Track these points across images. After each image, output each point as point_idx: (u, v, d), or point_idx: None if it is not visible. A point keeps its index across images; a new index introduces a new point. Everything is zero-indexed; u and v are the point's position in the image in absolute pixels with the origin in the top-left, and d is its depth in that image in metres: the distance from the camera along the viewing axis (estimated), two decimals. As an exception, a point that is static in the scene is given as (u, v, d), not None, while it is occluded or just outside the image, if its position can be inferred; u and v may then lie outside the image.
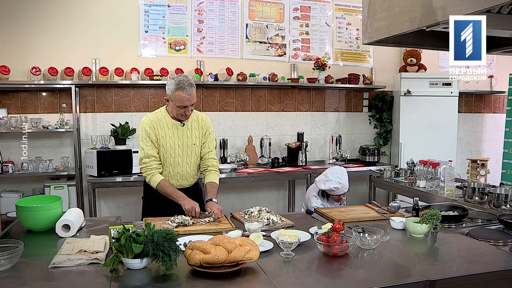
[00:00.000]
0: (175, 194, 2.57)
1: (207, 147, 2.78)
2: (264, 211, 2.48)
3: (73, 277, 1.62)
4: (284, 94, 5.03)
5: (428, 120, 4.98)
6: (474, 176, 3.56)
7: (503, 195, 2.81)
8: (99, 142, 4.23)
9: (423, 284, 1.60)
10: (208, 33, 4.71)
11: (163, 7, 4.55)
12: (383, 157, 5.28)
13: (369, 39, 2.78)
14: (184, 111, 2.55)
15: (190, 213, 2.45)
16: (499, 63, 5.69)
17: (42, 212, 2.18)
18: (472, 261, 1.85)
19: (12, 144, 4.17)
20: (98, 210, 4.38)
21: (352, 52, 5.27)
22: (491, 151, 5.74)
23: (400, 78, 5.03)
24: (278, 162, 4.68)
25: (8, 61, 4.03)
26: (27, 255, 1.82)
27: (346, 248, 1.85)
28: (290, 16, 4.99)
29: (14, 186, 4.23)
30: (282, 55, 4.99)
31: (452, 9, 2.12)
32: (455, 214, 2.50)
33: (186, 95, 2.49)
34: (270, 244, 1.96)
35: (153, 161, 2.63)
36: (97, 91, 4.43)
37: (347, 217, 2.51)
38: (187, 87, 2.49)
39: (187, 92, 2.49)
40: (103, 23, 4.37)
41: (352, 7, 5.19)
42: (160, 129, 2.63)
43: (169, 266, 1.60)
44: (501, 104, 5.84)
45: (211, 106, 4.77)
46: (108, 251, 1.89)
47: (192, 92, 2.51)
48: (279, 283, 1.56)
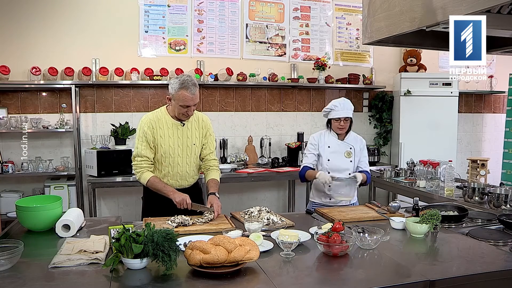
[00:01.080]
0: (165, 189, 2.59)
1: (208, 148, 2.79)
2: (264, 211, 2.48)
3: (73, 277, 1.62)
4: (284, 94, 5.03)
5: (428, 120, 4.98)
6: (474, 176, 3.56)
7: (503, 195, 2.81)
8: (99, 142, 4.23)
9: (423, 284, 1.60)
10: (208, 33, 4.71)
11: (163, 7, 4.55)
12: (383, 157, 5.28)
13: (369, 39, 2.78)
14: (187, 110, 2.55)
15: (181, 205, 2.47)
16: (499, 63, 5.69)
17: (42, 212, 2.18)
18: (472, 261, 1.85)
19: (12, 144, 4.17)
20: (98, 210, 4.38)
21: (352, 52, 5.27)
22: (491, 151, 5.74)
23: (400, 78, 5.04)
24: (278, 162, 4.68)
25: (8, 61, 4.03)
26: (27, 255, 1.81)
27: (346, 248, 1.85)
28: (290, 16, 4.99)
29: (14, 186, 4.23)
30: (282, 55, 4.99)
31: (452, 9, 2.12)
32: (455, 214, 2.50)
33: (190, 94, 2.50)
34: (270, 244, 1.96)
35: (144, 161, 2.63)
36: (97, 91, 4.43)
37: (347, 217, 2.51)
38: (191, 86, 2.50)
39: (191, 92, 2.49)
40: (103, 23, 4.37)
41: (352, 7, 5.19)
42: (159, 129, 2.63)
43: (169, 266, 1.60)
44: (501, 104, 5.84)
45: (211, 106, 4.77)
46: (108, 251, 1.89)
47: (195, 92, 2.52)
48: (279, 283, 1.56)
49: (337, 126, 3.04)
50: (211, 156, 2.80)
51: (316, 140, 3.12)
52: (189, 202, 2.50)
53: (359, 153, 3.11)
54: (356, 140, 3.14)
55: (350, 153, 3.09)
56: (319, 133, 3.17)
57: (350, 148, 3.08)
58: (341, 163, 3.05)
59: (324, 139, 3.10)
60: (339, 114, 3.00)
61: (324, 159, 3.05)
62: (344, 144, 3.08)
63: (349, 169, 3.05)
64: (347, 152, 3.07)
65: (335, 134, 3.09)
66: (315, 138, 3.13)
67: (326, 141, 3.09)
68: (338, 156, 3.06)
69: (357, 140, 3.14)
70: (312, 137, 3.16)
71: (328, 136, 3.10)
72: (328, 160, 3.04)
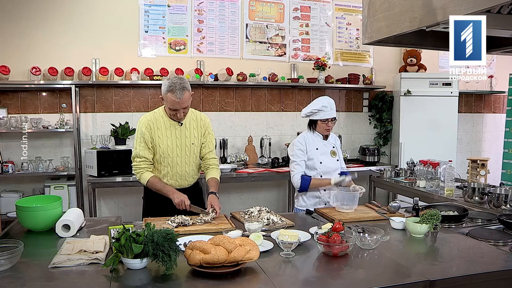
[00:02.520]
0: (165, 189, 2.59)
1: (207, 147, 2.79)
2: (264, 211, 2.48)
3: (73, 277, 1.62)
4: (284, 94, 5.03)
5: (428, 120, 4.98)
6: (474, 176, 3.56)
7: (503, 195, 2.81)
8: (99, 142, 4.23)
9: (423, 284, 1.60)
10: (208, 33, 4.71)
11: (163, 7, 4.55)
12: (383, 157, 5.28)
13: (369, 39, 2.78)
14: (176, 113, 2.55)
15: (180, 206, 2.47)
16: (499, 63, 5.69)
17: (42, 212, 2.18)
18: (472, 261, 1.84)
19: (12, 144, 4.17)
20: (98, 210, 4.38)
21: (352, 52, 5.27)
22: (491, 151, 5.74)
23: (400, 78, 5.04)
24: (278, 162, 4.68)
25: (8, 61, 4.03)
26: (27, 255, 1.82)
27: (346, 248, 1.85)
28: (290, 16, 4.99)
29: (14, 186, 4.23)
30: (282, 55, 4.99)
31: (452, 9, 2.12)
32: (455, 214, 2.50)
33: (176, 98, 2.46)
34: (270, 244, 1.96)
35: (143, 162, 2.64)
36: (97, 91, 4.43)
37: (347, 217, 2.51)
38: (177, 90, 2.45)
39: (177, 96, 2.46)
40: (103, 23, 4.37)
41: (352, 7, 5.19)
42: (157, 129, 2.63)
43: (169, 266, 1.60)
44: (501, 104, 5.84)
45: (211, 106, 4.77)
46: (108, 251, 1.88)
47: (183, 96, 2.47)
48: (279, 283, 1.56)
49: (325, 127, 2.94)
50: (211, 155, 2.80)
51: (303, 144, 2.94)
52: (187, 203, 2.49)
53: (338, 151, 3.06)
54: (335, 138, 3.10)
55: (334, 152, 3.02)
56: (302, 136, 3.01)
57: (333, 147, 3.03)
58: (330, 163, 2.97)
59: (310, 141, 2.96)
60: (327, 115, 2.90)
61: (316, 162, 2.94)
62: (328, 144, 3.02)
63: (338, 169, 3.01)
64: (332, 152, 3.01)
65: (319, 135, 2.99)
66: (301, 142, 2.95)
67: (313, 143, 2.96)
68: (326, 157, 2.97)
69: (335, 139, 3.11)
70: (297, 142, 2.97)
71: (312, 137, 2.98)
72: (321, 162, 2.94)
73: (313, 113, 2.94)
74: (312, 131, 3.00)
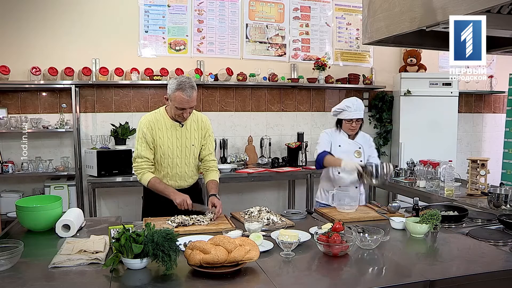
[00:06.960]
0: (166, 190, 2.59)
1: (207, 149, 2.78)
2: (264, 211, 2.48)
3: (73, 277, 1.62)
4: (284, 94, 5.03)
5: (428, 120, 4.98)
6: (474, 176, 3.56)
7: (503, 195, 2.80)
8: (99, 142, 4.23)
9: (423, 284, 1.60)
10: (208, 33, 4.71)
11: (163, 7, 4.55)
12: (383, 157, 5.28)
13: (369, 39, 2.78)
14: (182, 112, 2.54)
15: (182, 206, 2.47)
16: (499, 63, 5.69)
17: (42, 212, 2.18)
18: (472, 261, 1.84)
19: (12, 144, 4.17)
20: (98, 210, 4.38)
21: (352, 52, 5.27)
22: (491, 151, 5.74)
23: (400, 78, 5.03)
24: (278, 162, 4.68)
25: (8, 61, 4.03)
26: (27, 255, 1.81)
27: (346, 248, 1.85)
28: (290, 16, 4.99)
29: (14, 186, 4.23)
30: (282, 55, 4.99)
31: (452, 9, 2.12)
32: (455, 214, 2.49)
33: (185, 96, 2.47)
34: (270, 244, 1.96)
35: (144, 162, 2.63)
36: (97, 91, 4.43)
37: (347, 217, 2.51)
38: (187, 88, 2.47)
39: (187, 94, 2.47)
40: (103, 23, 4.37)
41: (352, 7, 5.19)
42: (158, 130, 2.63)
43: (169, 266, 1.60)
44: (501, 104, 5.84)
45: (211, 106, 4.77)
46: (108, 251, 1.89)
47: (192, 95, 2.49)
48: (279, 283, 1.56)
49: (349, 127, 3.03)
50: (210, 157, 2.80)
51: (329, 135, 3.09)
52: (189, 202, 2.49)
53: (368, 151, 3.11)
54: (365, 139, 3.14)
55: (360, 153, 3.07)
56: (330, 130, 3.15)
57: (359, 148, 3.07)
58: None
59: (335, 137, 3.08)
60: (351, 115, 2.98)
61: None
62: (354, 144, 3.07)
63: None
64: (357, 152, 3.06)
65: (345, 134, 3.08)
66: (328, 133, 3.11)
67: (337, 140, 3.07)
68: (348, 155, 3.02)
69: (365, 139, 3.14)
70: (325, 132, 3.13)
71: (338, 135, 3.09)
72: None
73: (338, 112, 3.05)
74: (339, 129, 3.10)
